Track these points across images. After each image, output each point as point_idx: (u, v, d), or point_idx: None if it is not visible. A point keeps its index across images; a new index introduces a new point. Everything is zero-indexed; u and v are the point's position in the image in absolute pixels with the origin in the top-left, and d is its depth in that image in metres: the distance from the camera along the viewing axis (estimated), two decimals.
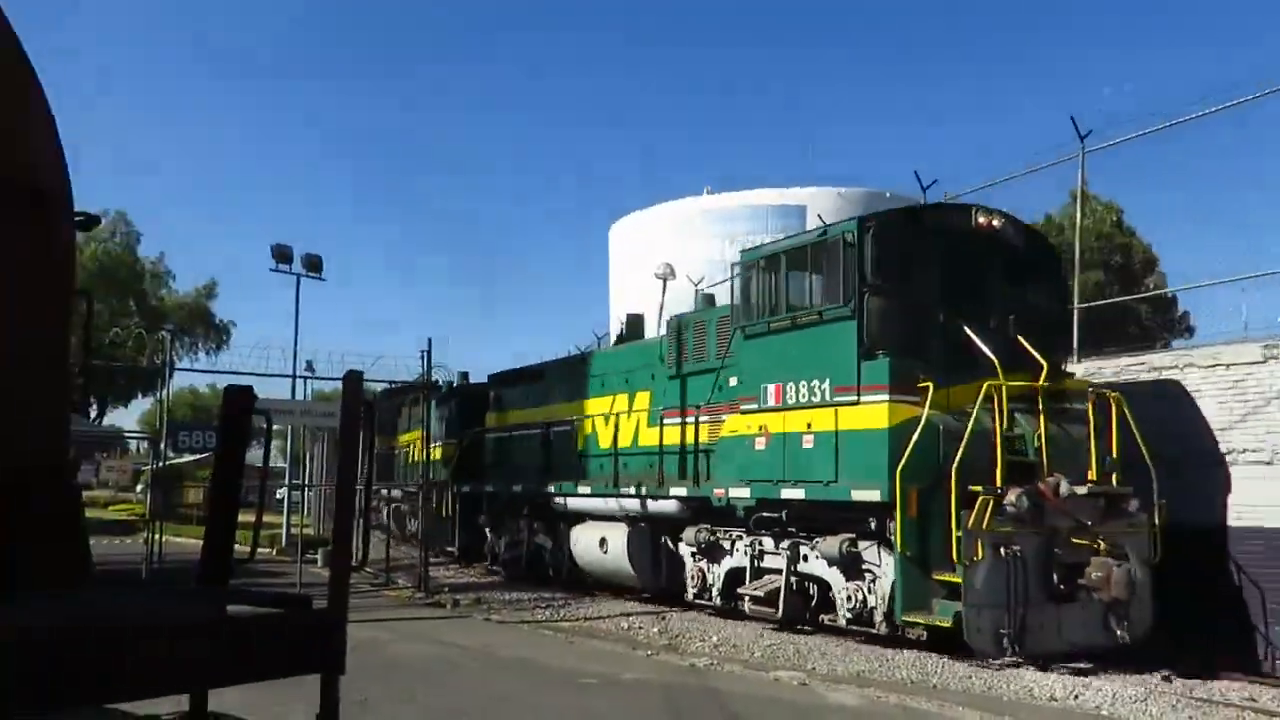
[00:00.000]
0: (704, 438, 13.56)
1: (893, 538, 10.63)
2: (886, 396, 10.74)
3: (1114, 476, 11.18)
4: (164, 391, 18.83)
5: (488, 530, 19.78)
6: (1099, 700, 9.34)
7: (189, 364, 45.60)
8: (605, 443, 15.81)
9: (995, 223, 12.09)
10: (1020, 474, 10.66)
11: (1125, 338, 23.20)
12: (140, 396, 50.09)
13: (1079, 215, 18.38)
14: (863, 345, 11.11)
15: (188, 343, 49.58)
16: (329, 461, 24.84)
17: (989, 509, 10.18)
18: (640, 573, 14.94)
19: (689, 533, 13.96)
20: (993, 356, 10.99)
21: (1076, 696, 9.56)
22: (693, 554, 14.08)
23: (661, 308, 24.34)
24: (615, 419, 15.54)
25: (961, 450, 10.31)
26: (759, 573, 12.80)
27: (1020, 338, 11.54)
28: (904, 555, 10.52)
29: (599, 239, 43.39)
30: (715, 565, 13.73)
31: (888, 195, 34.09)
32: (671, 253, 29.88)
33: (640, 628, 13.39)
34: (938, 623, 10.53)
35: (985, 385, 10.62)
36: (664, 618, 14.04)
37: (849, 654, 11.35)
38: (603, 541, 15.53)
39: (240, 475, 4.86)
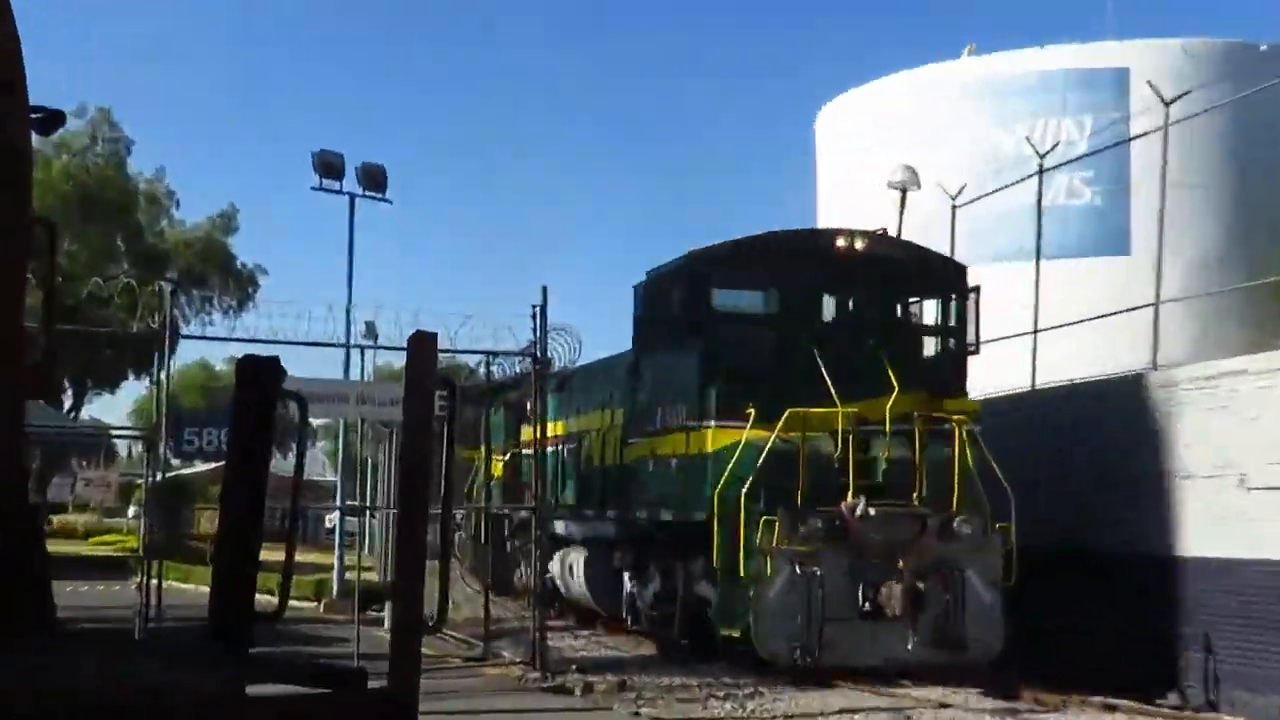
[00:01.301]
0: (628, 458, 19.09)
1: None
2: (714, 423, 16.65)
3: (954, 500, 16.42)
4: (164, 369, 19.55)
5: (520, 559, 24.45)
6: None
7: (199, 328, 47.18)
8: (585, 463, 21.29)
9: (858, 245, 17.56)
10: (858, 495, 16.11)
11: None
12: (132, 377, 52.55)
13: None
14: (704, 374, 16.99)
15: (198, 298, 51.43)
16: (398, 473, 25.58)
17: (775, 530, 15.71)
18: (596, 598, 20.95)
19: (618, 555, 19.87)
20: (829, 382, 16.36)
21: None
22: (628, 576, 19.53)
23: (899, 231, 23.89)
24: (597, 436, 20.73)
25: (753, 476, 15.79)
26: (671, 594, 18.14)
27: (887, 360, 16.60)
28: (722, 572, 16.14)
29: (801, 129, 42.96)
30: (644, 587, 19.03)
31: (1263, 48, 32.44)
32: (913, 148, 29.27)
33: None
34: (731, 634, 16.43)
35: (787, 414, 16.05)
36: (909, 717, 13.94)
37: None
38: (570, 567, 21.55)
39: (262, 488, 4.97)
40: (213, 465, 49.74)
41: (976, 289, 18.37)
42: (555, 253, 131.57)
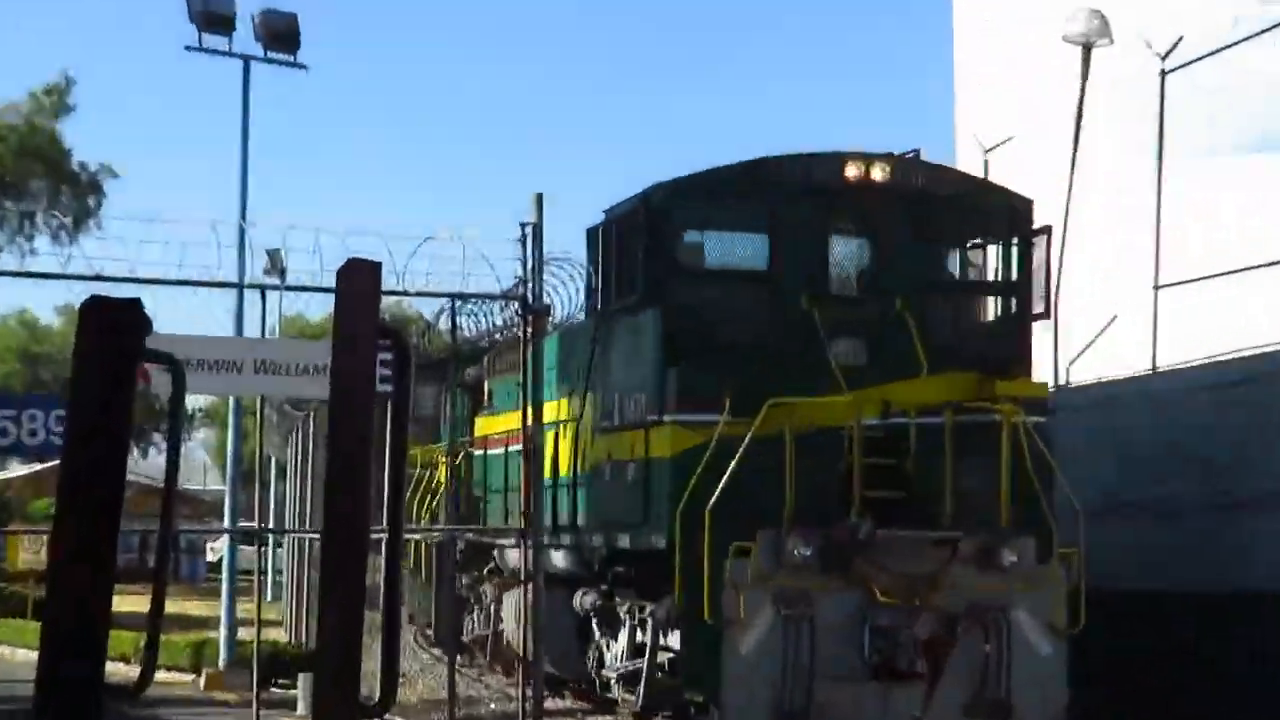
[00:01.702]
0: (585, 464, 20.92)
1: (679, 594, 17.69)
2: (676, 416, 18.19)
3: (1004, 514, 17.83)
4: None
5: (472, 603, 26.83)
6: None
7: (15, 260, 46.91)
8: (551, 467, 22.75)
9: (877, 174, 19.12)
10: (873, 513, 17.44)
11: None
12: None
13: None
14: (664, 350, 18.58)
15: (14, 214, 51.04)
16: (320, 477, 25.42)
17: (751, 559, 17.02)
18: (555, 656, 21.88)
19: (578, 596, 21.36)
20: (832, 362, 17.94)
21: None
22: (596, 623, 21.18)
23: (1080, 105, 23.72)
24: (551, 434, 22.46)
25: (723, 486, 16.92)
26: (641, 648, 19.59)
27: (915, 328, 18.34)
28: (692, 616, 17.39)
29: None
30: (615, 640, 20.55)
31: None
32: None
33: None
34: (695, 700, 18.15)
35: (767, 405, 17.21)
36: None
37: None
38: (524, 613, 22.62)
39: (117, 497, 4.96)
40: (37, 467, 49.78)
41: (1046, 230, 19.88)
42: (559, 154, 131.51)
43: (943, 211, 19.87)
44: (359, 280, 4.68)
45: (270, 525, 26.57)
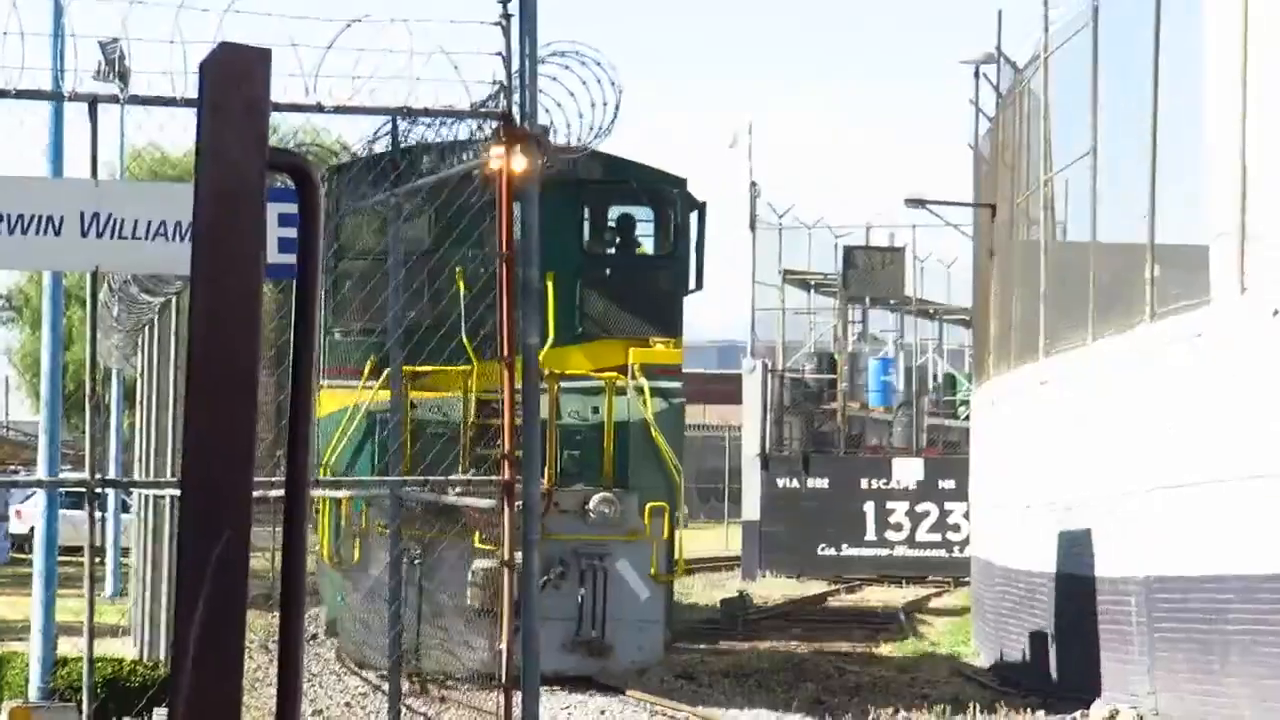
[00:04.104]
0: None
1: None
2: (326, 381, 23.22)
3: (606, 471, 22.95)
4: None
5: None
6: None
7: None
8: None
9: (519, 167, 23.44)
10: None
11: None
12: None
13: None
14: (327, 315, 22.87)
15: None
16: (183, 398, 20.92)
17: (344, 508, 21.96)
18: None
19: None
20: (464, 337, 21.94)
21: None
22: None
23: None
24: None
25: (341, 445, 22.19)
26: None
27: (553, 302, 21.79)
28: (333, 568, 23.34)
29: None
30: None
31: None
32: None
33: None
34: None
35: (385, 373, 20.80)
36: None
37: None
38: None
39: None
40: None
41: (700, 207, 25.64)
42: None
43: (595, 193, 25.29)
44: (235, 76, 3.06)
45: (110, 476, 23.24)
